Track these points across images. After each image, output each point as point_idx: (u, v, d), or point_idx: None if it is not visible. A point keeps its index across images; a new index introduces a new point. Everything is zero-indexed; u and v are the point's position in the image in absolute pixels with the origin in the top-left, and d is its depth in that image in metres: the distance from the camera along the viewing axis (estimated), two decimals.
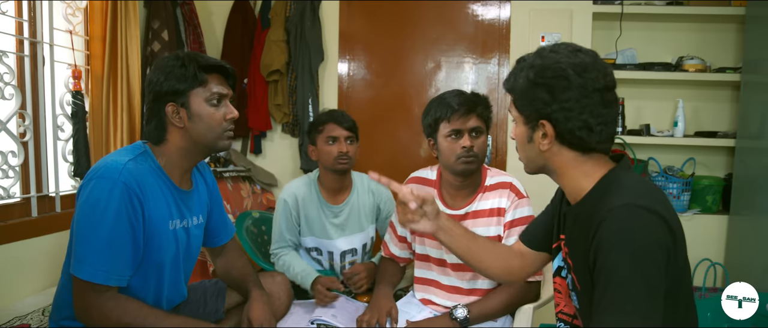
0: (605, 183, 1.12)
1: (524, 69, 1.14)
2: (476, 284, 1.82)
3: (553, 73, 1.09)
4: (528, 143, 1.19)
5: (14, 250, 1.92)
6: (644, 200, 1.03)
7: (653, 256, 0.99)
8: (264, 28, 3.26)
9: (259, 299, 1.66)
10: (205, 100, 1.45)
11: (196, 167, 1.62)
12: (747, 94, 2.81)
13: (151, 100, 1.44)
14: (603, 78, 1.08)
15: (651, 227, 1.01)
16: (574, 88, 1.07)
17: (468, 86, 3.24)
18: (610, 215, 1.02)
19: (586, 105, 1.08)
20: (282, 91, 3.25)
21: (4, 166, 1.97)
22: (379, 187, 2.29)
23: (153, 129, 1.46)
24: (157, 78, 1.43)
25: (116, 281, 1.35)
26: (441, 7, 3.23)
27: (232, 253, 1.79)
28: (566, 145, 1.13)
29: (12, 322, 1.76)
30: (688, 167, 3.07)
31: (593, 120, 1.08)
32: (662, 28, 3.19)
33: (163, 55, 1.49)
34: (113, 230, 1.32)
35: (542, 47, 1.15)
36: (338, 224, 2.19)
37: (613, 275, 0.99)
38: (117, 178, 1.34)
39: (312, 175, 2.23)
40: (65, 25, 2.25)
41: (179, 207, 1.51)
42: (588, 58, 1.10)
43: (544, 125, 1.12)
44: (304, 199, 2.15)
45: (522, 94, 1.15)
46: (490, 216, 1.78)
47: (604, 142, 1.12)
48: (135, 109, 2.42)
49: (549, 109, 1.10)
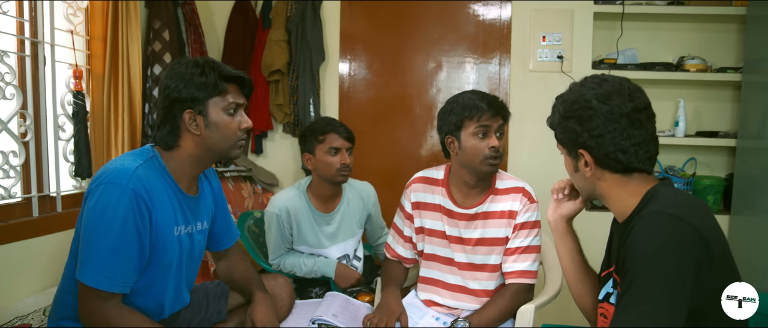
0: (647, 198, 1.16)
1: (557, 106, 1.25)
2: (482, 284, 1.82)
3: (579, 106, 1.18)
4: (575, 173, 1.27)
5: (15, 250, 1.92)
6: (677, 209, 1.06)
7: (676, 260, 1.00)
8: (265, 28, 3.27)
9: (262, 302, 1.66)
10: (223, 109, 1.45)
11: (202, 173, 1.62)
12: (748, 94, 2.81)
13: (167, 105, 1.43)
14: (629, 102, 1.15)
15: (677, 233, 1.03)
16: (599, 115, 1.15)
17: (469, 86, 3.24)
18: (640, 221, 1.07)
19: (614, 129, 1.14)
20: (283, 91, 3.25)
21: (5, 166, 1.97)
22: (368, 190, 2.29)
23: (166, 134, 1.44)
24: (174, 84, 1.41)
25: (120, 288, 1.35)
26: (442, 7, 3.23)
27: (235, 256, 1.79)
28: (607, 169, 1.20)
29: (13, 322, 1.77)
30: (689, 166, 3.07)
31: (626, 142, 1.15)
32: (663, 28, 3.18)
33: (177, 60, 1.47)
34: (120, 237, 1.32)
35: (573, 83, 1.25)
36: (331, 232, 2.18)
37: (633, 276, 1.02)
38: (126, 184, 1.33)
39: (301, 185, 2.19)
40: (66, 25, 2.25)
41: (185, 213, 1.51)
42: (612, 86, 1.17)
43: (583, 154, 1.20)
44: (297, 211, 2.12)
45: (559, 129, 1.25)
46: (500, 218, 1.79)
47: (643, 161, 1.17)
48: (136, 110, 2.42)
49: (581, 138, 1.18)
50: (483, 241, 1.80)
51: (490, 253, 1.80)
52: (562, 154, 1.30)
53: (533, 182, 1.91)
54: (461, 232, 1.83)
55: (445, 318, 1.85)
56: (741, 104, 2.89)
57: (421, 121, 3.30)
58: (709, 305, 1.07)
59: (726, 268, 1.10)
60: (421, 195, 1.92)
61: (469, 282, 1.83)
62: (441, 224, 1.87)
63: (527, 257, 1.78)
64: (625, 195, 1.20)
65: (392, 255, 2.00)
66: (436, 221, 1.88)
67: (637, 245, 1.05)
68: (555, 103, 1.27)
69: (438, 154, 3.27)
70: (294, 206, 2.12)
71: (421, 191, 1.92)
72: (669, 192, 1.15)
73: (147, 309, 1.47)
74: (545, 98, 1.25)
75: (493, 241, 1.80)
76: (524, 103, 3.16)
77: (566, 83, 1.44)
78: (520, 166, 3.18)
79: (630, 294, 1.02)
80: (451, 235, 1.85)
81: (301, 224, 2.14)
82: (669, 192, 1.15)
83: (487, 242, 1.80)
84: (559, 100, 1.25)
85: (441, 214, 1.86)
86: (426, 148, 3.31)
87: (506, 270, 1.80)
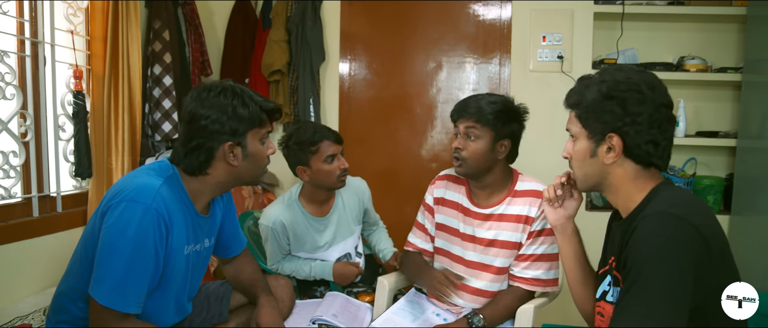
0: (650, 196, 1.16)
1: (594, 84, 1.18)
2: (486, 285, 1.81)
3: (627, 87, 1.14)
4: (590, 158, 1.21)
5: (15, 250, 1.92)
6: (679, 209, 1.06)
7: (677, 260, 1.00)
8: (265, 28, 3.27)
9: (268, 305, 1.65)
10: (260, 140, 1.45)
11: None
12: (748, 94, 2.81)
13: (204, 135, 1.38)
14: (667, 96, 1.14)
15: (679, 233, 1.03)
16: (647, 102, 1.12)
17: (469, 86, 3.25)
18: (642, 222, 1.06)
19: (655, 120, 1.13)
20: (283, 91, 3.24)
21: (6, 166, 1.97)
22: (362, 186, 2.28)
23: (200, 163, 1.40)
24: (215, 116, 1.36)
25: (135, 308, 1.32)
26: (442, 7, 3.23)
27: (243, 259, 1.79)
28: (632, 159, 1.17)
29: (13, 322, 1.77)
30: (690, 166, 3.07)
31: (660, 135, 1.14)
32: (663, 28, 3.18)
33: (204, 86, 1.42)
34: (138, 257, 1.29)
35: (605, 67, 1.22)
36: (328, 235, 2.16)
37: (636, 276, 1.02)
38: (150, 204, 1.30)
39: (292, 195, 2.15)
40: (66, 25, 2.25)
41: (196, 232, 1.49)
42: (652, 77, 1.16)
43: (612, 138, 1.16)
44: (291, 223, 2.09)
45: (590, 108, 1.19)
46: (516, 222, 1.76)
47: (663, 158, 1.17)
48: (136, 110, 2.42)
49: (620, 122, 1.14)
50: (495, 243, 1.79)
51: (497, 255, 1.79)
52: (572, 136, 1.25)
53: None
54: (475, 230, 1.82)
55: (446, 315, 1.85)
56: (741, 104, 2.89)
57: (422, 122, 3.30)
58: (710, 304, 1.08)
59: (726, 266, 1.10)
60: (444, 191, 1.92)
61: (472, 280, 1.82)
62: (456, 222, 1.86)
63: (541, 265, 1.75)
64: (633, 189, 1.19)
65: (413, 248, 2.01)
66: (452, 218, 1.88)
67: (640, 245, 1.05)
68: (585, 82, 1.21)
69: (438, 155, 3.27)
70: (288, 218, 2.08)
71: (444, 188, 1.93)
72: (671, 191, 1.15)
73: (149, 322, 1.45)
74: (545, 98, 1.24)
75: (504, 244, 1.78)
76: (524, 103, 3.15)
77: (566, 83, 1.43)
78: (520, 166, 3.16)
79: (632, 294, 1.02)
80: (464, 233, 1.84)
81: (298, 233, 2.11)
82: (671, 191, 1.15)
83: (498, 243, 1.78)
84: (596, 79, 1.19)
85: (458, 211, 1.86)
86: (426, 148, 3.30)
87: (515, 275, 1.77)
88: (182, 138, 1.43)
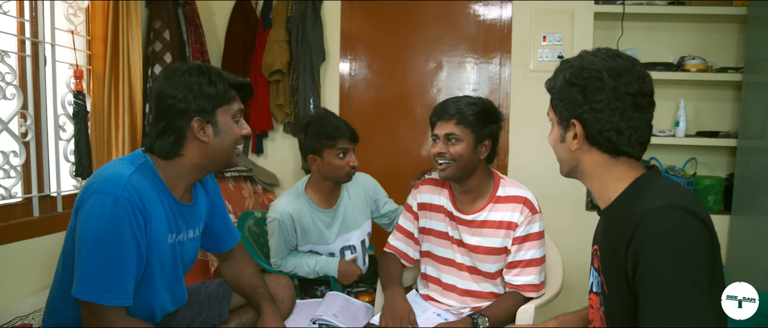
0: (637, 187, 1.13)
1: (563, 70, 1.18)
2: (481, 287, 1.82)
3: (588, 74, 1.13)
4: (560, 143, 1.22)
5: (16, 250, 1.92)
6: (682, 201, 1.02)
7: (697, 257, 0.98)
8: (265, 28, 3.27)
9: (271, 314, 1.65)
10: (231, 117, 1.45)
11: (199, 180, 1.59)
12: (748, 94, 2.81)
13: (172, 115, 1.38)
14: (637, 83, 1.11)
15: (692, 229, 1.00)
16: (607, 90, 1.10)
17: (470, 86, 3.24)
18: (648, 218, 1.01)
19: (616, 108, 1.10)
20: (283, 91, 3.25)
21: (6, 166, 1.97)
22: (365, 179, 2.30)
23: (170, 144, 1.39)
24: (181, 94, 1.36)
25: (123, 300, 1.30)
26: (442, 7, 3.23)
27: (239, 258, 1.78)
28: (596, 147, 1.16)
29: (13, 322, 1.77)
30: (690, 166, 3.07)
31: (623, 123, 1.11)
32: (664, 28, 3.18)
33: (171, 67, 1.42)
34: (118, 248, 1.28)
35: (584, 51, 1.20)
36: (335, 226, 2.19)
37: (658, 280, 0.98)
38: (120, 193, 1.28)
39: (298, 187, 2.19)
40: (67, 25, 2.25)
41: (177, 221, 1.48)
42: (625, 63, 1.13)
43: (575, 125, 1.15)
44: (300, 214, 2.11)
45: (558, 95, 1.19)
46: (498, 228, 1.78)
47: (634, 147, 1.14)
48: (136, 109, 2.42)
49: (580, 109, 1.14)
50: (479, 249, 1.80)
51: (485, 260, 1.80)
52: (550, 121, 1.26)
53: (533, 182, 1.91)
54: (462, 236, 1.83)
55: (447, 315, 1.85)
56: (741, 104, 2.89)
57: (422, 121, 3.29)
58: (718, 294, 1.06)
59: (720, 261, 1.09)
60: (428, 196, 1.93)
61: (468, 283, 1.84)
62: (444, 226, 1.88)
63: (532, 270, 1.76)
64: (610, 178, 1.16)
65: (390, 249, 2.01)
66: (439, 222, 1.89)
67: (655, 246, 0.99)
68: (560, 67, 1.21)
69: None
70: (296, 210, 2.11)
71: (428, 192, 1.94)
72: (662, 182, 1.12)
73: (139, 315, 1.43)
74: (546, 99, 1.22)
75: (490, 250, 1.79)
76: (525, 103, 3.16)
77: None
78: (520, 166, 3.18)
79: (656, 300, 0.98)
80: (453, 236, 1.86)
81: (305, 225, 2.14)
82: (662, 182, 1.12)
83: (483, 249, 1.80)
84: (566, 64, 1.19)
85: (444, 215, 1.88)
86: (426, 148, 3.30)
87: (510, 282, 1.79)
88: (152, 121, 1.44)
